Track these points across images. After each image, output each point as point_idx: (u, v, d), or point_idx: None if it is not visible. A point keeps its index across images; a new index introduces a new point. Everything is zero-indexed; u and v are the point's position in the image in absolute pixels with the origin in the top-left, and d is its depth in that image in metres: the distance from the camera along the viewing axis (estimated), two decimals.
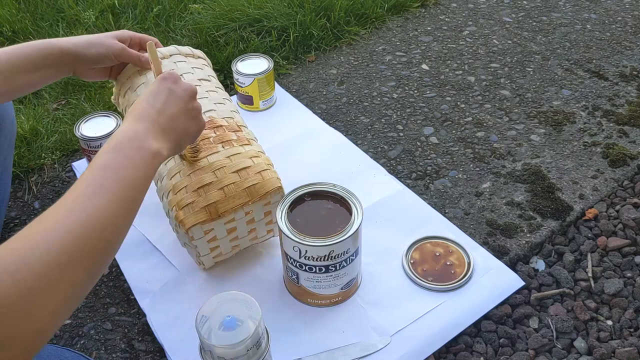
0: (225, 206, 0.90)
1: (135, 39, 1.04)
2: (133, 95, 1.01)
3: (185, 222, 0.89)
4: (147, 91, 0.79)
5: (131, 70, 1.03)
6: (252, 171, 0.92)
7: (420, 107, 1.41)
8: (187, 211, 0.89)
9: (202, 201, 0.89)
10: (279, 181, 0.94)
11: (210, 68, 1.12)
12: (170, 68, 1.01)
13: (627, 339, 0.93)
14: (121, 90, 1.05)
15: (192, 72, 1.04)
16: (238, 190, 0.91)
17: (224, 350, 0.74)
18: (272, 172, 0.95)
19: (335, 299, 0.96)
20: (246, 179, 0.92)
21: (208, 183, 0.90)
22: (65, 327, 0.98)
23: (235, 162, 0.93)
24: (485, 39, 1.64)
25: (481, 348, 0.92)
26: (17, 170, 1.27)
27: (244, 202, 0.91)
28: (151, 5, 1.80)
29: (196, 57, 1.10)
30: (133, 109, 0.76)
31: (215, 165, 0.92)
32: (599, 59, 1.54)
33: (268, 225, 0.99)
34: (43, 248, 0.54)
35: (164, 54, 1.04)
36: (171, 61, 1.04)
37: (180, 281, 1.02)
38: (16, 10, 1.79)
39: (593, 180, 1.19)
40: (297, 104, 1.42)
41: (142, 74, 1.02)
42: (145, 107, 0.76)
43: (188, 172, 0.92)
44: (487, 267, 1.01)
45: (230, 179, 0.91)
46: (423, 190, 1.19)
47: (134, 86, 1.02)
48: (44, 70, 0.93)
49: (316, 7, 1.68)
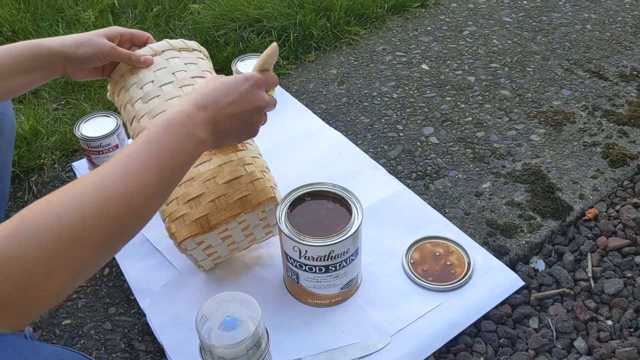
0: (217, 218, 0.88)
1: (125, 35, 1.00)
2: (126, 94, 0.98)
3: (177, 236, 0.88)
4: (225, 80, 0.78)
5: (123, 69, 0.99)
6: (244, 181, 0.90)
7: (420, 107, 1.41)
8: (179, 224, 0.88)
9: (193, 214, 0.88)
10: (272, 190, 0.91)
11: (206, 61, 1.05)
12: (162, 66, 0.97)
13: (627, 339, 0.93)
14: (115, 88, 1.02)
15: (185, 69, 0.98)
16: (229, 202, 0.89)
17: (224, 350, 0.74)
18: (265, 180, 0.92)
19: (335, 299, 0.96)
20: (237, 189, 0.89)
21: (199, 195, 0.89)
22: (65, 327, 0.98)
23: (226, 172, 0.90)
24: (485, 39, 1.64)
25: (481, 348, 0.92)
26: (17, 170, 1.27)
27: (235, 214, 0.89)
28: (151, 5, 1.80)
29: (191, 50, 1.03)
30: (200, 92, 0.75)
31: (206, 176, 0.89)
32: (599, 59, 1.54)
33: (265, 228, 0.98)
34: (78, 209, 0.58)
35: (155, 50, 0.99)
36: (163, 58, 0.99)
37: (180, 281, 1.02)
38: (16, 10, 1.79)
39: (593, 180, 1.19)
40: (297, 104, 1.42)
41: (135, 73, 0.98)
42: (212, 97, 0.75)
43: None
44: (487, 267, 1.01)
45: (221, 190, 0.89)
46: (423, 190, 1.19)
47: (127, 85, 0.98)
48: (34, 72, 0.91)
49: (316, 7, 1.68)
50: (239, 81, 0.79)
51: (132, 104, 0.96)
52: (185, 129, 0.70)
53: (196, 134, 0.71)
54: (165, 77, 0.96)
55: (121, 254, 1.07)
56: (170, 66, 0.98)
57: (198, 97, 0.75)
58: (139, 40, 1.01)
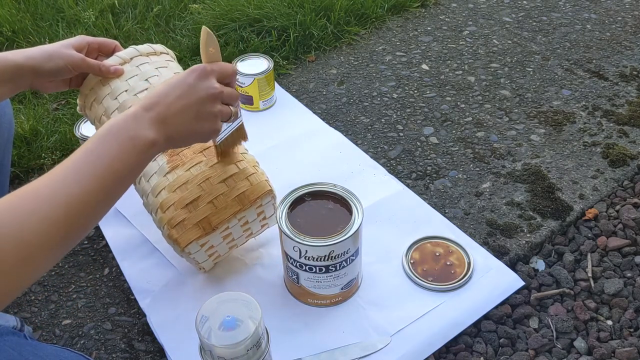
0: (218, 218, 0.88)
1: (93, 44, 0.96)
2: (100, 107, 0.95)
3: (181, 241, 0.87)
4: (172, 79, 0.76)
5: (93, 81, 0.96)
6: (238, 178, 0.90)
7: (420, 107, 1.41)
8: (180, 230, 0.87)
9: (193, 217, 0.87)
10: (267, 184, 0.92)
11: (175, 63, 1.04)
12: (133, 73, 0.95)
13: (627, 339, 0.93)
14: (86, 102, 0.99)
15: (157, 73, 0.97)
16: (228, 200, 0.89)
17: (224, 350, 0.74)
18: (259, 175, 0.92)
19: (336, 299, 0.96)
20: (234, 187, 0.89)
21: (196, 198, 0.88)
22: (65, 327, 0.98)
23: (220, 172, 0.90)
24: (485, 39, 1.64)
25: (481, 348, 0.92)
26: (17, 170, 1.27)
27: (235, 211, 0.89)
28: (151, 5, 1.80)
29: (159, 54, 1.02)
30: (148, 95, 0.74)
31: (199, 178, 0.89)
32: (599, 59, 1.54)
33: (262, 221, 0.98)
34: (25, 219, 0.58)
35: (123, 58, 0.97)
36: (133, 65, 0.97)
37: (180, 281, 1.02)
38: (16, 10, 1.79)
39: (593, 180, 1.19)
40: (297, 104, 1.42)
41: (106, 84, 0.95)
42: (158, 96, 0.73)
43: (173, 187, 0.89)
44: (487, 267, 1.01)
45: (218, 189, 0.89)
46: (423, 190, 1.19)
47: (100, 98, 0.95)
48: (1, 86, 0.88)
49: (316, 7, 1.68)
50: (184, 75, 0.76)
51: (107, 115, 0.94)
52: (128, 132, 0.69)
53: (141, 136, 0.69)
54: (139, 85, 0.94)
55: (121, 254, 1.07)
56: (142, 73, 0.96)
57: (145, 99, 0.73)
58: (107, 49, 0.98)
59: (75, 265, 1.09)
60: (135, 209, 1.05)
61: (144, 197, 0.95)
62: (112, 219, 1.12)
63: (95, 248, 1.12)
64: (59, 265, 1.09)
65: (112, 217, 1.11)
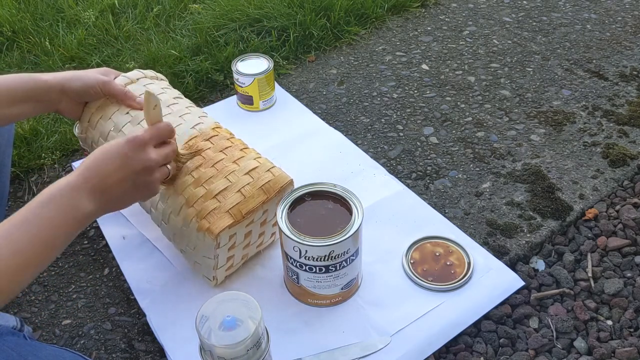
0: (247, 207, 0.90)
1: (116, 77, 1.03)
2: (108, 123, 1.00)
3: (213, 229, 0.88)
4: (107, 148, 0.78)
5: (98, 102, 1.02)
6: (261, 170, 0.94)
7: (420, 107, 1.41)
8: (212, 218, 0.89)
9: (224, 206, 0.89)
10: (288, 175, 0.96)
11: (171, 89, 1.10)
12: (141, 92, 1.00)
13: (627, 339, 0.93)
14: (91, 120, 1.02)
15: (164, 92, 1.05)
16: (254, 189, 0.92)
17: (224, 350, 0.74)
18: (277, 169, 0.96)
19: (336, 299, 0.96)
20: (259, 178, 0.93)
21: (224, 188, 0.91)
22: (65, 327, 0.98)
23: (243, 165, 0.94)
24: (485, 39, 1.64)
25: (481, 348, 0.92)
26: (17, 170, 1.27)
27: (262, 200, 0.92)
28: (151, 5, 1.80)
29: (159, 80, 1.10)
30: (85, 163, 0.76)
31: (226, 171, 0.93)
32: (599, 59, 1.54)
33: (274, 227, 1.01)
34: None
35: (130, 79, 1.04)
36: (140, 84, 1.04)
37: (180, 281, 1.02)
38: (16, 10, 1.79)
39: (593, 180, 1.19)
40: (297, 104, 1.42)
41: (113, 102, 1.01)
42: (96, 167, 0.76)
43: (200, 182, 0.91)
44: (487, 267, 1.01)
45: (245, 180, 0.92)
46: (423, 190, 1.19)
47: (107, 115, 1.00)
48: (27, 104, 0.91)
49: (316, 7, 1.68)
50: (120, 146, 0.78)
51: (118, 130, 0.99)
52: (70, 201, 0.72)
53: (80, 206, 0.73)
54: None
55: (121, 254, 1.07)
56: None
57: (83, 168, 0.76)
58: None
59: (75, 265, 1.09)
60: (135, 208, 1.05)
61: (151, 209, 0.98)
62: (112, 219, 1.12)
63: (95, 248, 1.12)
64: (59, 265, 1.09)
65: (112, 217, 1.11)
